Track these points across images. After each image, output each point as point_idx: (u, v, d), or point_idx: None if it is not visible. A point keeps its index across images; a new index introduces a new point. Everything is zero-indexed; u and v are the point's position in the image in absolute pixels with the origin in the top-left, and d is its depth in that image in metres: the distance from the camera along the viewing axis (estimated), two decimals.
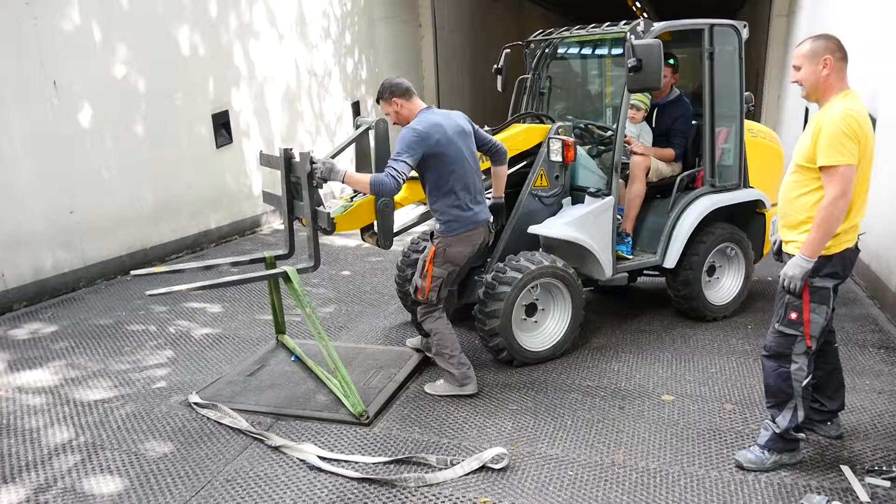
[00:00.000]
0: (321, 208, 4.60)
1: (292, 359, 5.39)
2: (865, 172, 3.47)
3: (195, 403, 4.68)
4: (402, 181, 4.23)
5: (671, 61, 5.98)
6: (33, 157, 6.89)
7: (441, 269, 4.63)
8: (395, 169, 4.21)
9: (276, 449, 4.13)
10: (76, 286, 7.35)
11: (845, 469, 3.82)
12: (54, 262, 7.13)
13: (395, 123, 4.64)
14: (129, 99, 8.02)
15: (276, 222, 10.84)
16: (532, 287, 5.16)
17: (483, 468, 3.89)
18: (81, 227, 7.41)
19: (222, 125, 9.54)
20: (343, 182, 4.33)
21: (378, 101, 4.62)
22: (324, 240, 4.69)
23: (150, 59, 8.26)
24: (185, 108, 8.91)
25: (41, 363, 5.49)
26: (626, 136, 5.73)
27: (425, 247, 6.01)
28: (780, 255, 3.84)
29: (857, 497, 3.59)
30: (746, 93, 6.03)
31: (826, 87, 3.50)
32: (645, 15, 35.25)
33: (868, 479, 3.72)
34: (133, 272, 5.00)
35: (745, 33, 5.82)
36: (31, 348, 5.79)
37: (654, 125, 6.16)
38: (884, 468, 3.81)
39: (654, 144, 6.07)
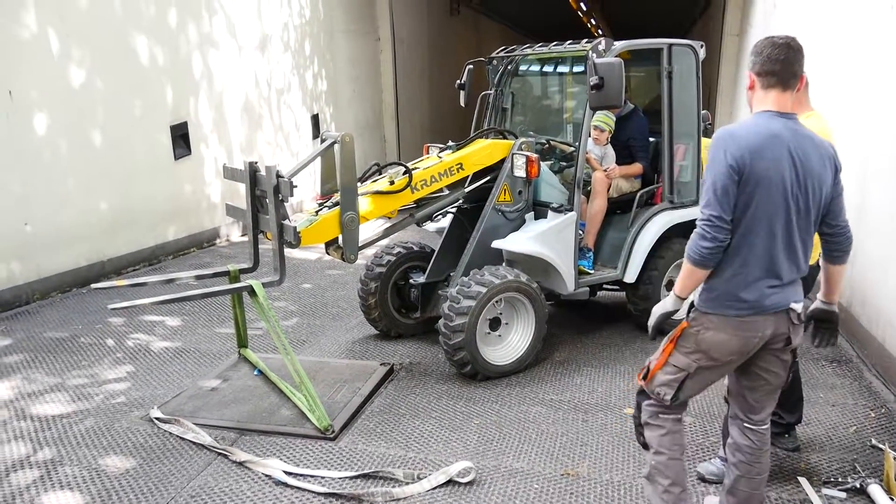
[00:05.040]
0: (287, 222, 4.59)
1: (255, 373, 5.35)
2: None
3: (157, 418, 4.61)
4: None
5: None
6: None
7: (685, 359, 3.14)
8: None
9: (241, 464, 4.09)
10: (30, 299, 7.17)
11: (803, 481, 3.92)
12: (8, 274, 6.96)
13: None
14: (87, 109, 7.89)
15: (235, 235, 10.73)
16: (496, 301, 5.20)
17: (450, 482, 3.90)
18: (36, 239, 7.25)
19: (181, 136, 9.43)
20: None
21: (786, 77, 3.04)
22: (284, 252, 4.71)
23: (108, 69, 8.14)
24: (144, 119, 8.79)
25: None
26: (587, 155, 5.82)
27: (389, 261, 6.03)
28: None
29: None
30: (703, 111, 6.18)
31: None
32: (600, 32, 35.84)
33: (825, 491, 3.83)
34: (94, 285, 4.91)
35: (702, 53, 5.98)
36: None
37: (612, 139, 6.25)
38: (839, 480, 3.92)
39: (616, 159, 6.17)
